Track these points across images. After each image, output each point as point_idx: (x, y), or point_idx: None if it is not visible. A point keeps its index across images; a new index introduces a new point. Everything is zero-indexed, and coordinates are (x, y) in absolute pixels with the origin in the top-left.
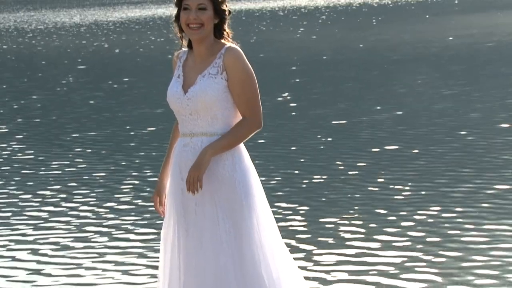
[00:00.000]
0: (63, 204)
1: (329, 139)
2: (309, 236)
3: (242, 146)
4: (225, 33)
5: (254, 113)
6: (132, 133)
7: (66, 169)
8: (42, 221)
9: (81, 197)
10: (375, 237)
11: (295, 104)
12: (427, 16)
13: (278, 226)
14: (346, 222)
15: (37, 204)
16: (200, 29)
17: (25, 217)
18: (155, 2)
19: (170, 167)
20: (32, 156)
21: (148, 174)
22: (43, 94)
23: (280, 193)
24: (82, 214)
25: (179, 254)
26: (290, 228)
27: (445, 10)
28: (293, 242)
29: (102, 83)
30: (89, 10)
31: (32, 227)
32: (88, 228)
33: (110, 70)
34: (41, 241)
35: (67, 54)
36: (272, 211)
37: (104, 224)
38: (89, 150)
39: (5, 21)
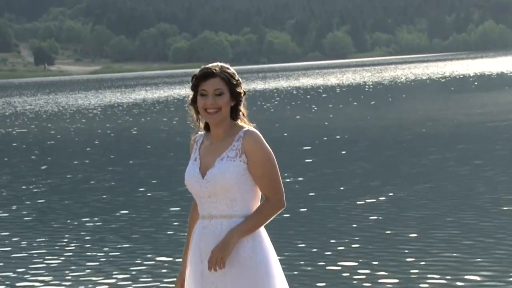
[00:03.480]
0: None
1: (335, 223)
2: None
3: (261, 227)
4: (240, 113)
5: (277, 194)
6: (151, 212)
7: (84, 254)
8: None
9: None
10: None
11: (306, 184)
12: (445, 93)
13: None
14: None
15: None
16: (218, 113)
17: None
18: (170, 84)
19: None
20: (36, 244)
21: (167, 257)
22: (56, 178)
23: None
24: None
25: None
26: None
27: (464, 87)
28: None
29: (117, 165)
30: (105, 92)
31: None
32: None
33: (126, 151)
34: None
35: (82, 136)
36: None
37: None
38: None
39: (24, 105)
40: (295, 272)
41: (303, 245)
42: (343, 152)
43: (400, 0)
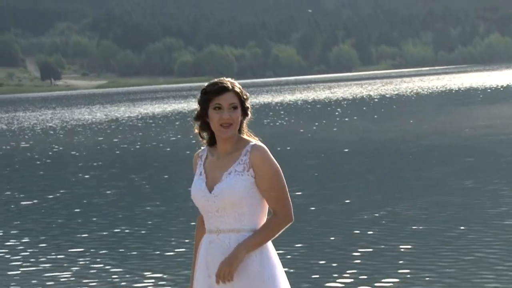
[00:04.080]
0: None
1: (344, 237)
2: None
3: (269, 242)
4: (243, 127)
5: (284, 208)
6: (154, 228)
7: (85, 271)
8: None
9: None
10: None
11: (311, 199)
12: (450, 106)
13: None
14: None
15: None
16: (231, 127)
17: None
18: (175, 97)
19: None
20: (40, 259)
21: (172, 271)
22: (60, 192)
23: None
24: None
25: None
26: None
27: (469, 100)
28: None
29: (121, 179)
30: (110, 107)
31: None
32: None
33: (130, 166)
34: None
35: (86, 151)
36: None
37: None
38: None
39: (30, 119)
40: (299, 287)
41: (306, 259)
42: (348, 165)
43: (405, 13)
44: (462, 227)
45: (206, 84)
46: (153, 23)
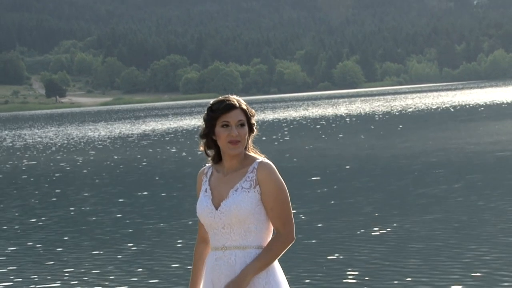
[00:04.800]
0: None
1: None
2: None
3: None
4: (249, 143)
5: (287, 227)
6: (158, 245)
7: (93, 286)
8: None
9: None
10: None
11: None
12: (455, 123)
13: None
14: None
15: None
16: (239, 144)
17: None
18: (180, 114)
19: (198, 285)
20: (46, 276)
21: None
22: (64, 210)
23: None
24: None
25: None
26: None
27: (474, 117)
28: None
29: (125, 196)
30: (115, 124)
31: None
32: None
33: (134, 183)
34: None
35: (91, 168)
36: None
37: None
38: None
39: (34, 137)
40: None
41: (311, 276)
42: (353, 182)
43: (409, 30)
44: (467, 244)
45: (211, 101)
46: (158, 40)
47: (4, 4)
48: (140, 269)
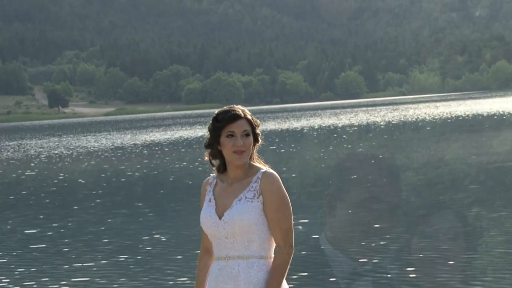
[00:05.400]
0: None
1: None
2: None
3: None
4: (253, 153)
5: (287, 240)
6: (160, 255)
7: None
8: None
9: None
10: None
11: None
12: (457, 133)
13: None
14: None
15: None
16: (244, 154)
17: None
18: (182, 124)
19: None
20: (48, 286)
21: None
22: (65, 221)
23: None
24: None
25: None
26: None
27: (476, 127)
28: None
29: (126, 207)
30: (117, 134)
31: None
32: None
33: (136, 193)
34: None
35: (92, 178)
36: None
37: None
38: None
39: (36, 147)
40: None
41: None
42: (354, 192)
43: (412, 40)
44: (467, 254)
45: (216, 111)
46: (161, 51)
47: (7, 15)
48: (141, 280)
